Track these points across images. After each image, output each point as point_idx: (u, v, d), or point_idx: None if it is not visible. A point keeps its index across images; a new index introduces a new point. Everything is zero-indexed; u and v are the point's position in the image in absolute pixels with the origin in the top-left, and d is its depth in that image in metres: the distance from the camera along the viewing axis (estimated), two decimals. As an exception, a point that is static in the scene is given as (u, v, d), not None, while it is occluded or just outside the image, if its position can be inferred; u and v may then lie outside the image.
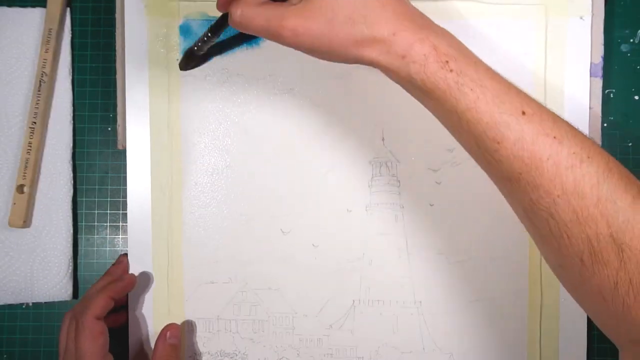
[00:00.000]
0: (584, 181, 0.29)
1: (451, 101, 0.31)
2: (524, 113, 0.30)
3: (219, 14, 0.46)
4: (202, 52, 0.44)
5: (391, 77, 0.33)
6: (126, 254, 0.46)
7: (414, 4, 0.45)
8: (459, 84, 0.31)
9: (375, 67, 0.33)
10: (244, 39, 0.45)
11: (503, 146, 0.30)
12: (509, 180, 0.31)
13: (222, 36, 0.42)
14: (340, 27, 0.32)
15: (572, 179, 0.29)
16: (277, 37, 0.33)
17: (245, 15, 0.33)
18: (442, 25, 0.33)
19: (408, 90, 0.34)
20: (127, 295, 0.45)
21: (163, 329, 0.44)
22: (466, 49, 0.33)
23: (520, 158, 0.30)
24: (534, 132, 0.30)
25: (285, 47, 0.34)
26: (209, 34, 0.41)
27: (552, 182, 0.30)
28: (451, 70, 0.31)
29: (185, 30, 0.46)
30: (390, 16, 0.32)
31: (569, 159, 0.30)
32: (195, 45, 0.43)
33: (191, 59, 0.45)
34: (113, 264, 0.46)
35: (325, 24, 0.32)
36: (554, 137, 0.30)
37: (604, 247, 0.29)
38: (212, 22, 0.40)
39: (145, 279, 0.46)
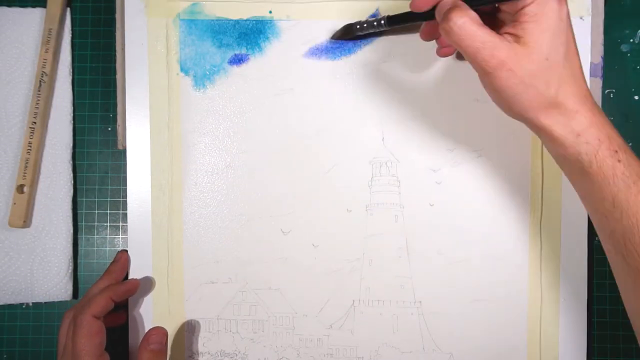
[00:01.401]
0: None
1: (612, 189, 0.33)
2: None
3: (219, 13, 0.46)
4: (362, 34, 0.43)
5: (556, 149, 0.35)
6: (125, 250, 0.46)
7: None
8: (624, 175, 0.33)
9: (543, 134, 0.34)
10: (400, 31, 0.44)
11: None
12: None
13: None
14: (538, 85, 0.33)
15: None
16: (481, 63, 0.33)
17: (465, 27, 0.33)
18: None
19: (566, 168, 0.35)
20: (127, 295, 0.45)
21: (147, 333, 0.43)
22: (624, 140, 0.34)
23: None
24: None
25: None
26: (383, 22, 0.41)
27: None
28: (619, 161, 0.33)
29: (185, 30, 0.46)
30: (577, 93, 0.33)
31: None
32: (359, 24, 0.43)
33: (347, 34, 0.45)
34: (112, 262, 0.46)
35: (528, 75, 0.33)
36: None
37: None
38: (395, 14, 0.40)
39: (145, 279, 0.46)
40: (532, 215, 0.45)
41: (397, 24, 0.40)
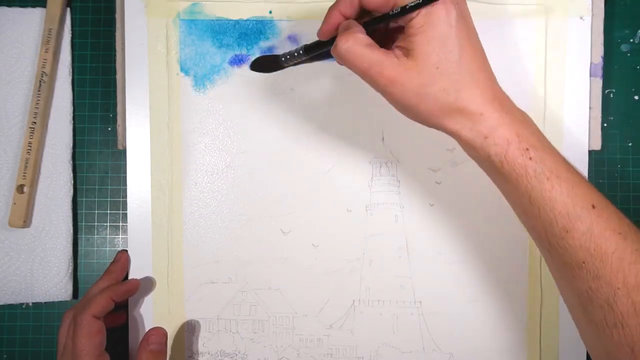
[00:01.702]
0: None
1: (526, 186, 0.33)
2: (594, 207, 0.32)
3: (219, 13, 0.46)
4: (287, 65, 0.43)
5: (468, 152, 0.35)
6: (125, 250, 0.46)
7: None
8: (537, 172, 0.33)
9: (454, 137, 0.35)
10: (327, 57, 0.44)
11: (571, 235, 0.32)
12: (570, 266, 0.32)
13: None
14: (434, 94, 0.33)
15: (634, 274, 0.31)
16: (372, 82, 0.34)
17: (351, 51, 0.34)
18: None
19: (482, 168, 0.35)
20: (127, 295, 0.45)
21: (146, 334, 0.43)
22: (544, 137, 0.34)
23: (586, 249, 0.32)
24: (602, 226, 0.32)
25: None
26: (302, 52, 0.41)
27: (614, 274, 0.31)
28: (530, 158, 0.33)
29: (185, 30, 0.46)
30: (480, 95, 0.33)
31: (632, 255, 0.31)
32: (283, 56, 0.42)
33: (271, 67, 0.45)
34: (112, 262, 0.46)
35: (420, 86, 0.33)
36: (619, 233, 0.32)
37: None
38: (310, 43, 0.40)
39: (145, 279, 0.46)
40: (532, 215, 0.45)
41: (313, 52, 0.40)
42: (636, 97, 0.48)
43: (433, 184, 0.46)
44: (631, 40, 0.48)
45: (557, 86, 0.45)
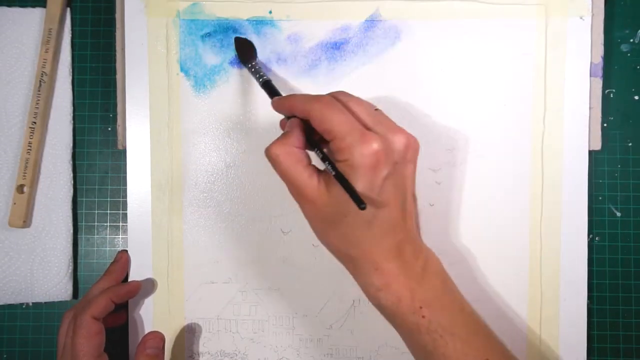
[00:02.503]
0: None
1: (419, 341, 0.33)
2: None
3: (219, 13, 0.46)
4: (247, 68, 0.45)
5: (363, 292, 0.36)
6: (125, 250, 0.46)
7: (413, 3, 0.45)
8: (429, 330, 0.33)
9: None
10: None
11: None
12: None
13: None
14: (335, 234, 0.34)
15: None
16: (291, 194, 0.35)
17: (279, 161, 0.34)
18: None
19: (379, 310, 0.36)
20: (127, 295, 0.45)
21: (143, 338, 0.44)
22: (447, 289, 0.35)
23: None
24: None
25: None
26: (261, 82, 0.42)
27: None
28: (423, 317, 0.33)
29: (185, 30, 0.46)
30: (380, 253, 0.33)
31: None
32: (250, 63, 0.44)
33: (244, 55, 0.45)
34: (112, 262, 0.46)
35: (328, 221, 0.34)
36: None
37: None
38: (270, 85, 0.42)
39: (145, 281, 0.46)
40: (532, 215, 0.45)
41: (266, 90, 0.41)
42: (636, 97, 0.48)
43: (433, 184, 0.46)
44: (631, 40, 0.48)
45: (557, 86, 0.45)
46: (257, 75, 0.43)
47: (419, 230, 0.38)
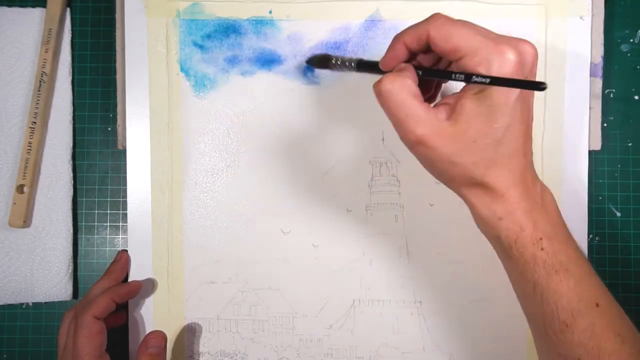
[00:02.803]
0: None
1: (532, 274, 0.32)
2: (597, 305, 0.32)
3: (219, 13, 0.46)
4: (334, 70, 0.42)
5: (479, 225, 0.34)
6: (125, 250, 0.46)
7: (413, 3, 0.45)
8: (546, 264, 0.32)
9: (469, 208, 0.34)
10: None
11: (571, 330, 0.31)
12: (564, 358, 0.32)
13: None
14: (463, 164, 0.31)
15: None
16: (402, 134, 0.32)
17: (393, 94, 0.31)
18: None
19: (491, 243, 0.34)
20: (127, 295, 0.45)
21: (145, 337, 0.44)
22: (564, 225, 0.33)
23: (584, 346, 0.31)
24: (603, 326, 0.31)
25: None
26: (353, 65, 0.39)
27: None
28: (542, 249, 0.32)
29: (185, 30, 0.46)
30: (507, 176, 0.32)
31: (628, 358, 0.31)
32: (335, 59, 0.41)
33: (321, 65, 0.44)
34: (112, 262, 0.46)
35: (451, 154, 0.31)
36: (619, 335, 0.31)
37: None
38: (365, 60, 0.38)
39: (145, 281, 0.46)
40: (532, 215, 0.45)
41: (363, 70, 0.39)
42: (636, 97, 0.48)
43: (433, 184, 0.46)
44: (631, 40, 0.48)
45: (557, 86, 0.45)
46: (347, 65, 0.40)
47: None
